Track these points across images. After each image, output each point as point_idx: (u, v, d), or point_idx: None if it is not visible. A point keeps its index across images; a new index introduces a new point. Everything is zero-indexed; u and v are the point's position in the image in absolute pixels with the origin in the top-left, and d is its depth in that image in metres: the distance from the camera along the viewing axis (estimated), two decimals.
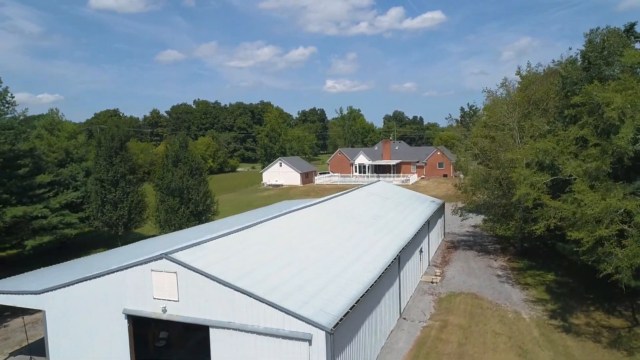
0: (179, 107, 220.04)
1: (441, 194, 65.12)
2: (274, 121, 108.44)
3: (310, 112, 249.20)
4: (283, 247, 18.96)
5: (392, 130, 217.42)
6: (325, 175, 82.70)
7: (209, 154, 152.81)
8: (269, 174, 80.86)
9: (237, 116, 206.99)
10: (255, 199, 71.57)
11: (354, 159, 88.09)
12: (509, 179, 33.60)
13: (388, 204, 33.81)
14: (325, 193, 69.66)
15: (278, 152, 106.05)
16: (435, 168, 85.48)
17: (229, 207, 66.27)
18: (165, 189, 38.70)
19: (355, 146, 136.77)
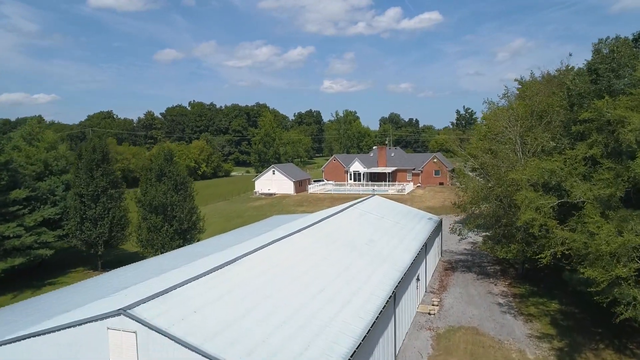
0: (174, 109, 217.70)
1: (437, 205, 63.27)
2: (268, 126, 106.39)
3: (307, 114, 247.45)
4: (267, 289, 16.93)
5: (388, 133, 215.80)
6: (319, 184, 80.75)
7: (202, 158, 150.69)
8: (261, 182, 78.82)
9: (232, 118, 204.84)
10: (246, 209, 69.53)
11: (349, 166, 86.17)
12: (510, 197, 31.79)
13: (384, 224, 31.85)
14: (319, 203, 67.70)
15: (272, 157, 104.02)
16: (431, 176, 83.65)
17: (218, 218, 64.19)
18: (147, 205, 36.61)
19: (351, 151, 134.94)
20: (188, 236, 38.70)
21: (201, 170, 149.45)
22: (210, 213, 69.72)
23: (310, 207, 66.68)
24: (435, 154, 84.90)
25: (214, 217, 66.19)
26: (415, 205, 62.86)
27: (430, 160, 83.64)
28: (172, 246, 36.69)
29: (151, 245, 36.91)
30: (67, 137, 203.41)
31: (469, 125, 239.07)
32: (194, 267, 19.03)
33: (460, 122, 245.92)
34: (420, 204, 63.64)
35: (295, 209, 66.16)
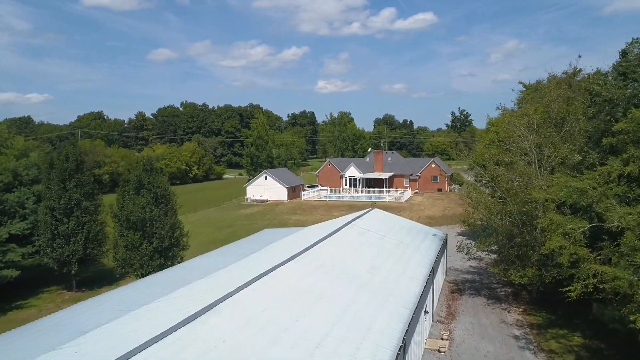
0: (165, 109, 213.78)
1: (438, 214, 60.21)
2: (260, 128, 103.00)
3: (300, 115, 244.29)
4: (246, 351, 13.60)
5: (382, 134, 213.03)
6: (314, 190, 77.53)
7: (194, 161, 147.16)
8: (253, 188, 75.47)
9: (225, 119, 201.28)
10: (237, 217, 66.16)
11: (344, 171, 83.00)
12: (526, 215, 28.76)
13: (386, 244, 28.67)
14: (313, 212, 64.44)
15: (265, 161, 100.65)
16: (429, 182, 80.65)
17: (208, 228, 60.76)
18: (124, 220, 33.23)
19: (346, 154, 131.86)
20: (170, 254, 35.40)
21: (192, 173, 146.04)
22: (200, 221, 66.44)
23: (304, 215, 63.46)
24: (434, 159, 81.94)
25: (204, 226, 62.86)
26: (415, 214, 59.84)
27: (428, 165, 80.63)
28: (152, 266, 33.41)
29: (129, 264, 33.55)
30: (55, 138, 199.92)
31: (464, 127, 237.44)
32: (162, 313, 15.69)
33: (455, 124, 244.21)
34: (420, 213, 60.63)
35: (288, 217, 62.90)
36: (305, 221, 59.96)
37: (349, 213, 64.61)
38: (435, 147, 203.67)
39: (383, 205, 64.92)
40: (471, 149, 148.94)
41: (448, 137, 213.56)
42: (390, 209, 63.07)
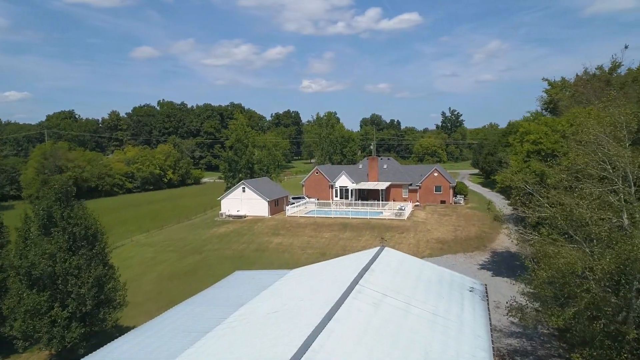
0: (141, 108, 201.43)
1: (449, 237, 50.36)
2: (240, 130, 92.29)
3: (284, 115, 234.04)
4: None
5: (370, 135, 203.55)
6: (299, 203, 67.24)
7: (169, 165, 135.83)
8: (229, 202, 64.87)
9: (204, 119, 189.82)
10: (208, 238, 55.54)
11: (335, 181, 72.88)
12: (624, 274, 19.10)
13: (414, 325, 18.54)
14: (300, 232, 54.20)
15: (244, 167, 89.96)
16: (431, 192, 70.97)
17: (171, 254, 49.98)
18: (25, 276, 22.63)
19: (334, 158, 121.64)
20: (99, 317, 24.81)
21: (167, 178, 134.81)
22: (163, 243, 55.74)
23: (288, 237, 53.15)
24: (436, 167, 72.25)
25: (166, 250, 52.21)
26: (421, 237, 49.96)
27: (430, 174, 70.91)
28: (68, 339, 22.84)
29: (33, 336, 22.96)
30: (23, 138, 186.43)
31: (455, 127, 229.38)
32: None
33: (445, 124, 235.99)
34: (427, 235, 50.77)
35: (269, 240, 52.51)
36: (290, 247, 49.70)
37: (342, 233, 54.66)
38: (425, 149, 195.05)
39: (382, 224, 54.92)
40: (462, 151, 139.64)
41: (438, 138, 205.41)
42: (391, 229, 53.13)
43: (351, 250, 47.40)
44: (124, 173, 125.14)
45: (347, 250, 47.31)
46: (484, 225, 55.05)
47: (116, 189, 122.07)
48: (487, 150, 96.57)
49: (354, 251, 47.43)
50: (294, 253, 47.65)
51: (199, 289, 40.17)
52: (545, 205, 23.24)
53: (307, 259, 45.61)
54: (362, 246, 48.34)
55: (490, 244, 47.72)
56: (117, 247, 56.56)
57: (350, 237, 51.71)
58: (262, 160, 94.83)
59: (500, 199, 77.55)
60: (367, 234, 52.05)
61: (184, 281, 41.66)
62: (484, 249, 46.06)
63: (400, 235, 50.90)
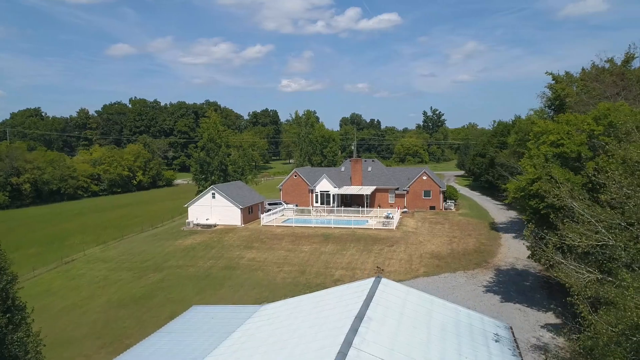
0: (112, 106, 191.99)
1: (445, 251, 44.57)
2: (212, 129, 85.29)
3: (262, 114, 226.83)
4: None
5: (350, 135, 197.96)
6: (276, 210, 60.76)
7: (138, 166, 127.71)
8: (197, 209, 58.03)
9: (178, 118, 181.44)
10: (172, 252, 48.74)
11: (315, 185, 66.63)
12: None
13: None
14: (276, 244, 47.82)
15: (217, 169, 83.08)
16: (419, 197, 65.30)
17: (127, 272, 43.00)
18: None
19: (313, 159, 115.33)
20: None
21: (137, 180, 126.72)
22: (120, 258, 48.76)
23: (262, 251, 46.72)
24: (424, 170, 66.59)
25: (122, 268, 45.30)
26: (414, 250, 44.07)
27: (419, 177, 65.20)
28: None
29: None
30: None
31: (437, 127, 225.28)
32: None
33: (427, 123, 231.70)
34: (421, 249, 44.89)
35: (241, 255, 46.00)
36: (265, 263, 43.27)
37: (323, 246, 48.38)
38: (406, 149, 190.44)
39: (368, 235, 48.89)
40: (444, 151, 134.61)
41: (420, 138, 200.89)
42: (379, 241, 47.14)
43: (334, 267, 41.29)
44: (89, 175, 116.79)
45: (329, 268, 41.16)
46: (482, 236, 49.49)
47: (80, 192, 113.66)
48: (476, 151, 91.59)
49: (338, 269, 41.41)
50: (268, 271, 41.26)
51: (150, 322, 33.49)
52: (601, 231, 17.35)
53: (283, 279, 39.32)
54: (347, 262, 42.26)
55: (492, 259, 42.10)
56: (66, 262, 49.50)
57: (333, 250, 45.56)
58: (237, 162, 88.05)
59: (492, 202, 72.43)
60: (352, 248, 45.95)
61: (136, 309, 34.92)
62: (486, 265, 40.39)
63: (390, 249, 44.95)
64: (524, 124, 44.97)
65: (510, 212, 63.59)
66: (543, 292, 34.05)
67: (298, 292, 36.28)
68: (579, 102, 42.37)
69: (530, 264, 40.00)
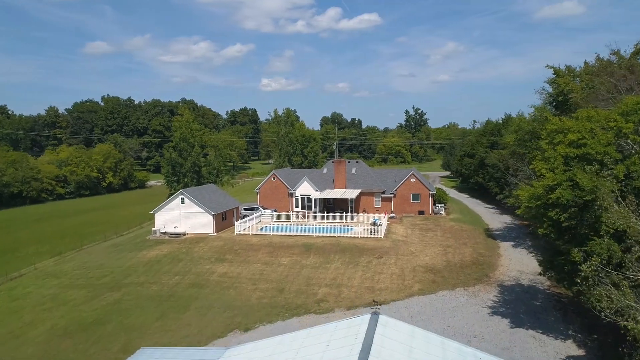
0: (83, 104, 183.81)
1: (440, 262, 40.05)
2: (185, 128, 79.65)
3: (241, 113, 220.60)
4: None
5: (331, 134, 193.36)
6: (253, 216, 55.52)
7: (108, 167, 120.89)
8: (165, 216, 52.48)
9: (152, 116, 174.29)
10: (133, 266, 43.23)
11: (295, 188, 61.60)
12: None
13: None
14: (252, 257, 42.74)
15: (190, 170, 77.53)
16: (407, 201, 60.84)
17: (79, 291, 37.18)
18: None
19: (293, 159, 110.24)
20: None
21: (107, 182, 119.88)
22: (74, 273, 43.08)
23: (236, 264, 41.57)
24: (412, 171, 62.14)
25: (74, 286, 39.69)
26: (406, 263, 39.51)
27: (407, 179, 60.73)
28: None
29: None
30: None
31: (419, 127, 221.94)
32: None
33: (409, 123, 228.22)
34: (413, 261, 40.29)
35: (212, 269, 40.78)
36: (238, 279, 38.14)
37: (304, 259, 43.20)
38: (389, 149, 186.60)
39: (354, 245, 44.12)
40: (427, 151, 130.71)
41: (402, 137, 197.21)
42: (366, 251, 42.42)
43: (317, 284, 36.39)
44: (54, 176, 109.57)
45: (311, 285, 36.23)
46: (478, 245, 45.15)
47: (45, 194, 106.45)
48: (463, 151, 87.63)
49: (321, 286, 36.46)
50: (242, 290, 36.15)
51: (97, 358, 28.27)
52: None
53: (259, 299, 34.27)
54: (332, 278, 37.39)
55: (493, 272, 37.70)
56: (12, 278, 43.56)
57: (315, 263, 40.65)
58: (212, 163, 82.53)
59: (483, 206, 68.45)
60: (336, 260, 41.11)
61: (83, 339, 29.48)
62: (488, 280, 35.95)
63: (379, 262, 40.22)
64: (525, 123, 40.78)
65: (504, 217, 59.55)
66: (557, 314, 29.69)
67: (275, 316, 31.29)
68: (586, 98, 38.32)
69: (537, 279, 35.71)
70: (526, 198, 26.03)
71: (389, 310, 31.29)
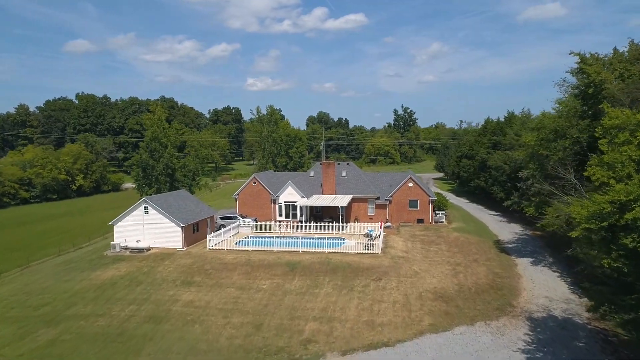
0: (55, 102, 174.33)
1: (450, 286, 33.35)
2: (157, 126, 72.09)
3: (224, 112, 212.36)
4: None
5: (318, 134, 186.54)
6: (229, 227, 48.26)
7: (78, 168, 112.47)
8: (125, 228, 45.06)
9: (129, 115, 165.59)
10: (81, 292, 35.81)
11: (278, 194, 54.53)
12: None
13: None
14: (225, 280, 35.64)
15: (162, 173, 70.01)
16: (404, 208, 54.21)
17: (6, 327, 29.92)
18: None
19: (278, 161, 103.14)
20: None
21: (77, 184, 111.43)
22: (9, 300, 35.51)
23: (206, 288, 34.44)
24: (410, 175, 55.50)
25: (4, 319, 32.26)
26: (409, 286, 32.78)
27: (404, 183, 54.09)
28: None
29: None
30: None
31: (408, 126, 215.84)
32: None
33: (398, 122, 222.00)
34: (419, 284, 33.53)
35: (177, 295, 33.61)
36: (206, 311, 31.00)
37: (288, 282, 35.29)
38: (377, 149, 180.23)
39: (347, 264, 37.23)
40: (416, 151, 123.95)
41: (391, 137, 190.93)
42: (361, 271, 35.63)
43: (303, 316, 29.47)
44: (18, 179, 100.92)
45: (296, 318, 29.30)
46: (491, 262, 38.60)
47: (6, 198, 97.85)
48: (461, 151, 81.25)
49: (308, 320, 29.30)
50: (210, 325, 29.08)
51: None
52: None
53: (230, 339, 27.26)
54: (321, 308, 30.50)
55: (517, 299, 31.15)
56: None
57: (301, 288, 33.72)
58: (187, 165, 75.02)
59: (487, 213, 62.09)
60: (326, 283, 34.23)
61: None
62: (512, 311, 29.38)
63: (377, 285, 33.41)
64: (550, 119, 34.31)
65: (513, 226, 53.19)
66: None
67: None
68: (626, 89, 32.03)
69: (571, 308, 29.30)
70: (584, 218, 19.37)
71: (395, 355, 24.52)
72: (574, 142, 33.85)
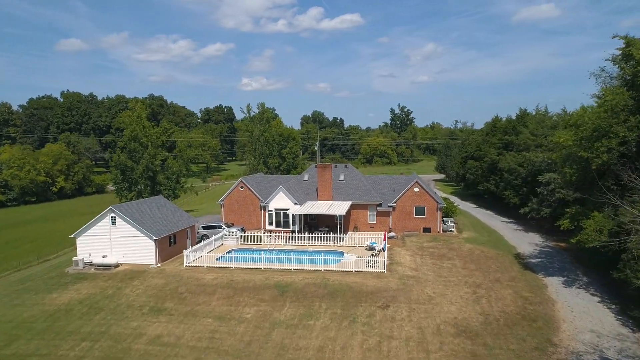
0: (39, 100, 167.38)
1: (474, 317, 27.47)
2: (136, 125, 66.10)
3: (215, 111, 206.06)
4: None
5: (313, 133, 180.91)
6: (211, 239, 42.29)
7: (59, 169, 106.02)
8: (90, 241, 39.01)
9: (115, 114, 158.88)
10: (27, 321, 29.71)
11: (269, 200, 48.63)
12: None
13: None
14: (201, 305, 29.54)
15: (142, 176, 64.02)
16: (410, 216, 48.50)
17: None
18: None
19: (270, 162, 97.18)
20: None
21: (57, 186, 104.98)
22: None
23: (178, 319, 28.49)
24: (416, 179, 49.72)
25: None
26: (423, 315, 26.82)
27: (409, 188, 48.36)
28: None
29: None
30: None
31: (405, 126, 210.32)
32: None
33: (395, 122, 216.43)
34: (435, 314, 27.67)
35: (142, 328, 27.62)
36: (176, 348, 25.00)
37: (277, 310, 28.29)
38: (373, 150, 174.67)
39: (348, 286, 31.38)
40: (413, 151, 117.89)
41: (388, 137, 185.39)
42: (364, 297, 29.80)
43: (295, 358, 23.59)
44: None
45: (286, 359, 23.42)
46: (517, 282, 32.88)
47: None
48: (466, 152, 75.54)
49: None
50: None
51: None
52: None
53: None
54: (318, 346, 24.64)
55: (557, 334, 25.39)
56: None
57: (292, 318, 27.88)
58: (170, 167, 69.02)
59: (500, 220, 56.40)
60: (323, 312, 28.41)
61: None
62: (555, 352, 23.64)
63: (384, 315, 27.61)
64: (594, 115, 28.59)
65: (531, 236, 47.54)
66: None
67: None
68: None
69: (627, 348, 23.63)
70: None
71: None
72: (620, 142, 28.23)
